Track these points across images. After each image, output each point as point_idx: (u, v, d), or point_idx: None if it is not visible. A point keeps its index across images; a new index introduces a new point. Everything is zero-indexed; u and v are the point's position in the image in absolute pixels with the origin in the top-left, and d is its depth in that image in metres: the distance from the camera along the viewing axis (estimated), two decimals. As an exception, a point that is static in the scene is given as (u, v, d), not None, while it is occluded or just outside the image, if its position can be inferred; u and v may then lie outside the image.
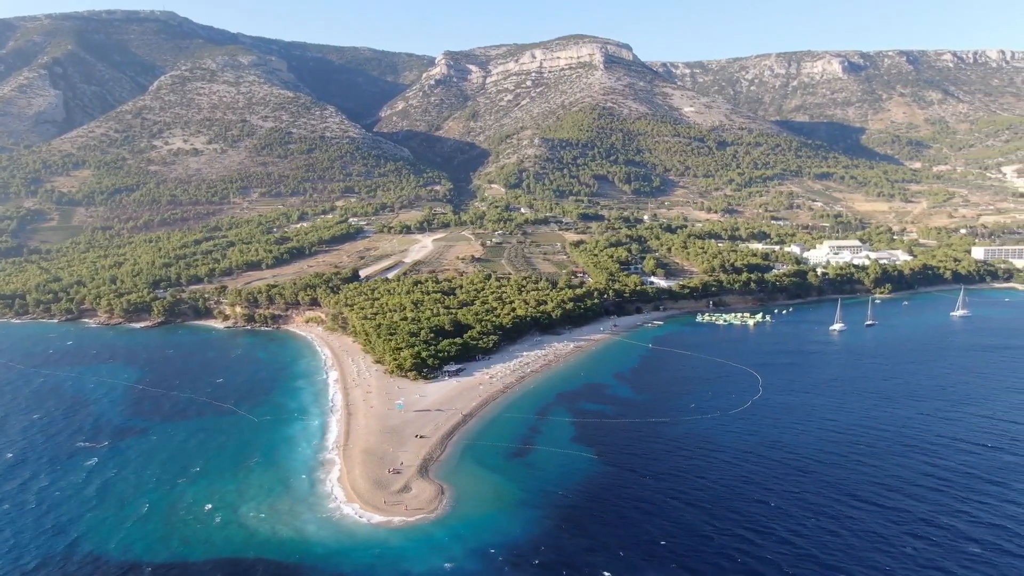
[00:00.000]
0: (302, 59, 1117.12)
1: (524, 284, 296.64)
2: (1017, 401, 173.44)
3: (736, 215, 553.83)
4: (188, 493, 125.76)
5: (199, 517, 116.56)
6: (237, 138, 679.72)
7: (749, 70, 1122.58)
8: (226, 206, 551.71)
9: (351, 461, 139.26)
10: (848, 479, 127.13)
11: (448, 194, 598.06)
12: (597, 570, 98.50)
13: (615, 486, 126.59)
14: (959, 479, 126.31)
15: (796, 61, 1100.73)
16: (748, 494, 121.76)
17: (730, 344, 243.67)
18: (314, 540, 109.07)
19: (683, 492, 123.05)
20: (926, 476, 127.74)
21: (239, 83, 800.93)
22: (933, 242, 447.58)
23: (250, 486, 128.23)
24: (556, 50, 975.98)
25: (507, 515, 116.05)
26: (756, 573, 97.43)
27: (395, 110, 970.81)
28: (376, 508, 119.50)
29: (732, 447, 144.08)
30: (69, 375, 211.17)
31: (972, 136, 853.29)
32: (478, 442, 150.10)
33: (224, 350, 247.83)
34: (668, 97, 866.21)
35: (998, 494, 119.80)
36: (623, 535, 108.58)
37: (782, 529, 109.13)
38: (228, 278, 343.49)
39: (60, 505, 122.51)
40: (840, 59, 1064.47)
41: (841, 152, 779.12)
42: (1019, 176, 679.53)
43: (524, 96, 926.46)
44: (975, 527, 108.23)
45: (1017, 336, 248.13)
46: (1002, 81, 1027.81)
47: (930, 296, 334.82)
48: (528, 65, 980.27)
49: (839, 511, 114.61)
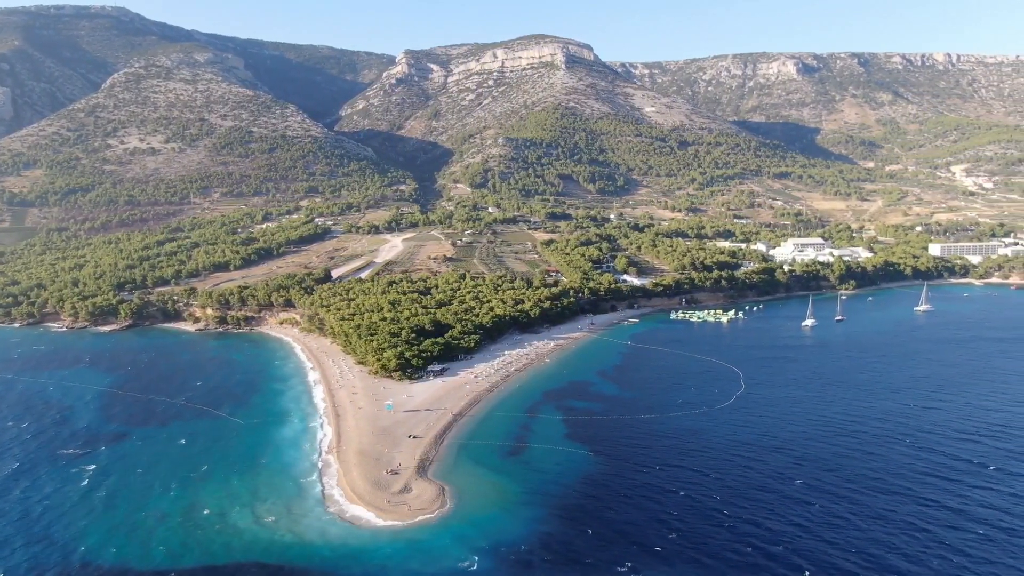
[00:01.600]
0: (259, 57, 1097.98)
1: (500, 283, 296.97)
2: (988, 390, 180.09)
3: (700, 214, 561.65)
4: (185, 498, 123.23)
5: (200, 523, 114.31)
6: (196, 137, 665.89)
7: (707, 71, 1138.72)
8: (187, 206, 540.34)
9: (347, 463, 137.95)
10: (843, 466, 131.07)
11: (414, 194, 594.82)
12: (615, 564, 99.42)
13: (615, 481, 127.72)
14: (946, 462, 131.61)
15: (752, 62, 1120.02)
16: (749, 483, 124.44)
17: (707, 341, 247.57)
18: (321, 543, 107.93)
19: (686, 484, 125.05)
20: (915, 461, 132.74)
21: (196, 81, 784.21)
22: (891, 239, 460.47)
23: (247, 490, 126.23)
24: (518, 50, 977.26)
25: (512, 513, 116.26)
26: (774, 557, 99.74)
27: (356, 109, 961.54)
28: (379, 509, 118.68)
29: (725, 440, 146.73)
30: (49, 380, 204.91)
31: (922, 136, 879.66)
32: (471, 441, 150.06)
33: (199, 353, 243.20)
34: (630, 97, 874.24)
35: (987, 477, 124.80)
36: (634, 528, 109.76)
37: (791, 515, 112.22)
38: (196, 280, 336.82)
39: (61, 515, 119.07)
40: (795, 60, 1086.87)
41: (798, 152, 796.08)
42: (967, 175, 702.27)
43: (486, 96, 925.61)
44: (972, 508, 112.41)
45: (979, 329, 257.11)
46: (948, 83, 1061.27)
47: (892, 292, 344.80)
48: (490, 65, 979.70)
49: (840, 497, 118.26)
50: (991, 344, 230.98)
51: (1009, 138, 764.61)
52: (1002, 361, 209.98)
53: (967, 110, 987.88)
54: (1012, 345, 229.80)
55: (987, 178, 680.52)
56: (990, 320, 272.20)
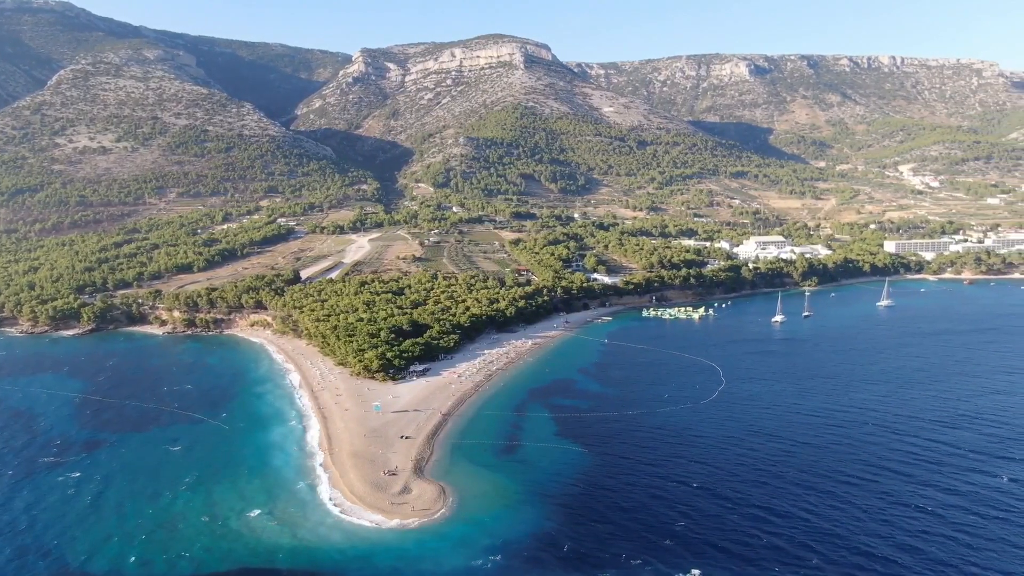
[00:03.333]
0: (210, 54, 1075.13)
1: (473, 283, 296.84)
2: (957, 381, 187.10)
3: (661, 213, 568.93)
4: (181, 505, 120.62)
5: (201, 529, 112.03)
6: (148, 136, 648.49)
7: (661, 71, 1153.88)
8: (142, 207, 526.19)
9: (343, 465, 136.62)
10: (833, 456, 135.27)
11: (376, 193, 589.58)
12: (629, 557, 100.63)
13: (614, 476, 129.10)
14: (930, 448, 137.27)
15: (706, 63, 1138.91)
16: (745, 475, 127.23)
17: (681, 337, 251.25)
18: (329, 545, 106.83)
19: (684, 477, 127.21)
20: (900, 448, 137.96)
21: (147, 78, 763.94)
22: (847, 237, 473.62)
23: (245, 495, 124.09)
24: (476, 49, 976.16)
25: (515, 511, 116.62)
26: (778, 548, 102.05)
27: (312, 108, 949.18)
28: (382, 511, 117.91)
29: (715, 434, 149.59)
30: (14, 387, 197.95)
31: (869, 137, 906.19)
32: (463, 440, 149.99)
33: (170, 357, 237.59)
34: (588, 97, 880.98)
35: (970, 460, 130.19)
36: (640, 521, 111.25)
37: (792, 503, 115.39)
38: (159, 281, 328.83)
39: (49, 525, 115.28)
40: (747, 62, 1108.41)
41: (752, 152, 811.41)
42: (914, 175, 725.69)
43: (445, 95, 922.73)
44: (957, 495, 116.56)
45: (939, 323, 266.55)
46: (893, 85, 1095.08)
47: (853, 288, 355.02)
48: (448, 64, 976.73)
49: (836, 484, 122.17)
50: (954, 337, 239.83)
51: (952, 139, 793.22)
52: (966, 353, 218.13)
53: (911, 111, 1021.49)
54: (972, 337, 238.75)
55: (933, 177, 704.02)
56: (949, 314, 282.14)
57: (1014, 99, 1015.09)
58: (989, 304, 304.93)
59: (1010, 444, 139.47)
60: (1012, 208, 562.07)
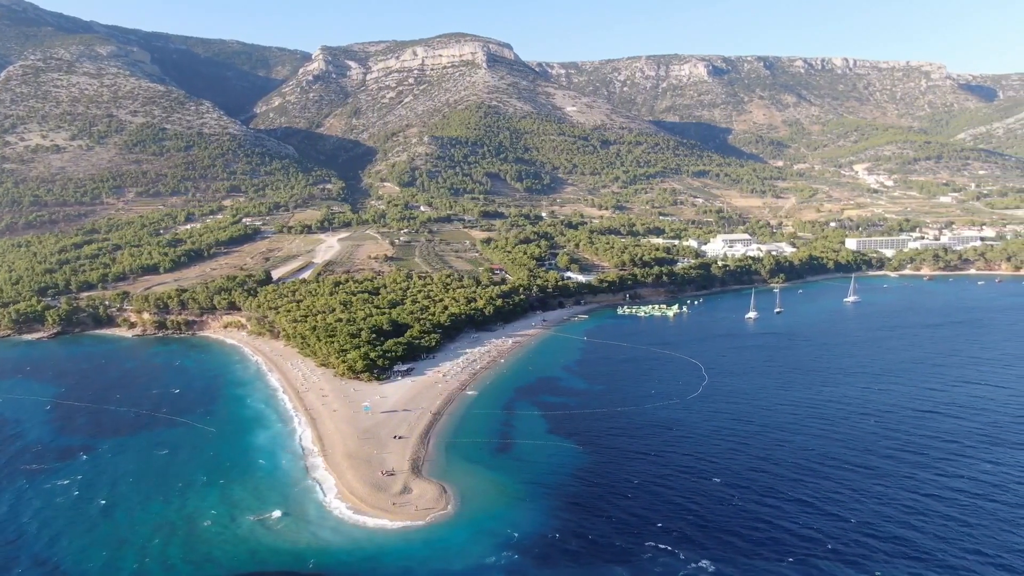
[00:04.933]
0: (165, 51, 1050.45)
1: (448, 282, 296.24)
2: (929, 372, 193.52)
3: (626, 211, 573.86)
4: (179, 510, 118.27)
5: (202, 535, 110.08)
6: (104, 134, 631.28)
7: (621, 71, 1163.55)
8: (99, 207, 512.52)
9: (339, 467, 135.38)
10: (821, 445, 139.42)
11: (341, 193, 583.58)
12: (637, 550, 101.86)
13: (611, 471, 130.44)
14: (913, 440, 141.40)
15: (665, 64, 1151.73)
16: (740, 466, 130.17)
17: (658, 334, 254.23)
18: (337, 547, 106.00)
19: (682, 470, 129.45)
20: (884, 437, 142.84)
21: (101, 75, 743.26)
22: (809, 235, 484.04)
23: (243, 498, 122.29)
24: (438, 48, 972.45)
25: (519, 508, 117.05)
26: (786, 534, 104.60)
27: (272, 106, 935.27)
28: (385, 511, 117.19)
29: (705, 427, 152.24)
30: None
31: (825, 137, 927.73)
32: (457, 439, 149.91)
33: (144, 360, 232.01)
34: (551, 96, 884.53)
35: (951, 449, 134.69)
36: (645, 514, 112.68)
37: (789, 493, 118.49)
38: (124, 283, 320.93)
39: (39, 533, 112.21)
40: (705, 63, 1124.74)
41: (712, 151, 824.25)
42: (869, 174, 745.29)
43: (407, 93, 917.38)
44: (944, 478, 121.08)
45: (906, 316, 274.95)
46: (846, 87, 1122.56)
47: (819, 284, 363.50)
48: (410, 62, 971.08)
49: (829, 472, 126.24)
50: (921, 330, 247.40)
51: (904, 139, 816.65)
52: (934, 345, 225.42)
53: (864, 112, 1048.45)
54: (938, 331, 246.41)
55: (887, 176, 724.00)
56: (913, 309, 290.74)
57: (961, 101, 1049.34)
58: (950, 299, 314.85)
59: (989, 430, 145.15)
60: (963, 206, 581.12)
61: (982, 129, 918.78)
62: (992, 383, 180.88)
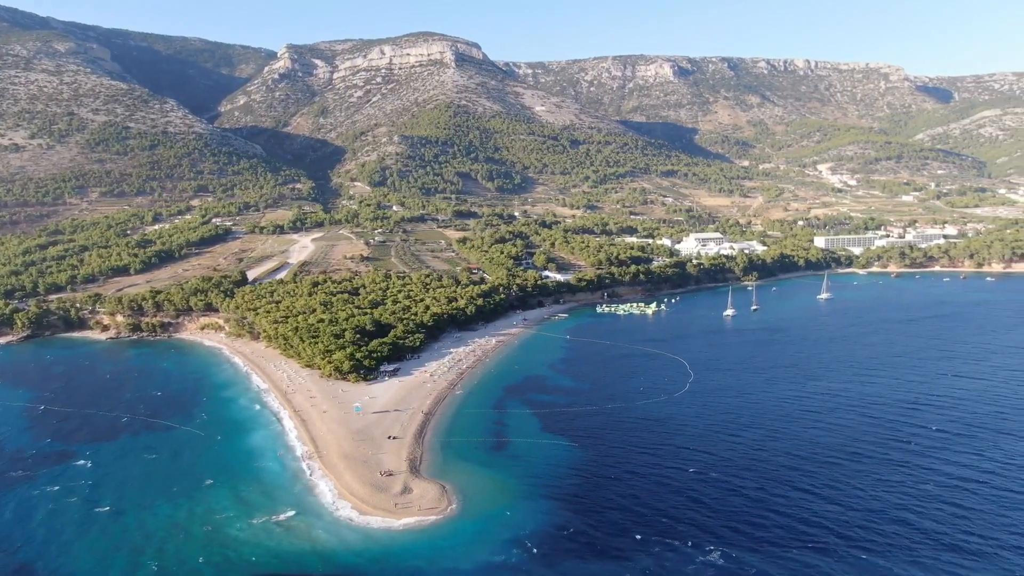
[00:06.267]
0: (125, 48, 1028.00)
1: (428, 282, 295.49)
2: (908, 366, 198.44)
3: (598, 211, 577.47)
4: (177, 515, 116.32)
5: (204, 540, 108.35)
6: (65, 133, 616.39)
7: (588, 71, 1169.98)
8: (62, 207, 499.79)
9: (336, 468, 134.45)
10: (813, 437, 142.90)
11: (311, 193, 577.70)
12: (644, 543, 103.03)
13: (611, 466, 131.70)
14: (897, 427, 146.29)
15: (631, 64, 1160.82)
16: (737, 459, 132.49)
17: (639, 332, 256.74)
18: (344, 549, 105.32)
19: (681, 463, 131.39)
20: (870, 432, 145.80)
21: (61, 72, 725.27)
22: (778, 233, 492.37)
23: (242, 501, 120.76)
24: (406, 47, 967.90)
25: (523, 506, 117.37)
26: (789, 525, 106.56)
27: (236, 105, 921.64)
28: (387, 512, 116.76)
29: (697, 423, 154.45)
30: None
31: (788, 137, 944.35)
32: (451, 439, 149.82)
33: (121, 363, 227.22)
34: (520, 96, 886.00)
35: (936, 441, 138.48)
36: (648, 507, 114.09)
37: (788, 485, 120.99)
38: (94, 285, 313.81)
39: (37, 542, 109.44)
40: (671, 63, 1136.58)
41: (680, 151, 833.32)
42: (833, 173, 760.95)
43: (375, 92, 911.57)
44: (933, 470, 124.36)
45: (878, 312, 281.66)
46: (808, 88, 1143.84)
47: (790, 282, 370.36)
48: (377, 61, 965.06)
49: (823, 466, 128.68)
50: (896, 325, 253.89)
51: (866, 139, 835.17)
52: (908, 340, 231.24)
53: (826, 113, 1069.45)
54: (911, 326, 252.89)
55: (850, 176, 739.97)
56: (885, 305, 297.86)
57: (918, 102, 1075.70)
58: (920, 295, 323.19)
59: (970, 419, 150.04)
60: (925, 205, 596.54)
61: (939, 130, 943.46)
62: (969, 375, 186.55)
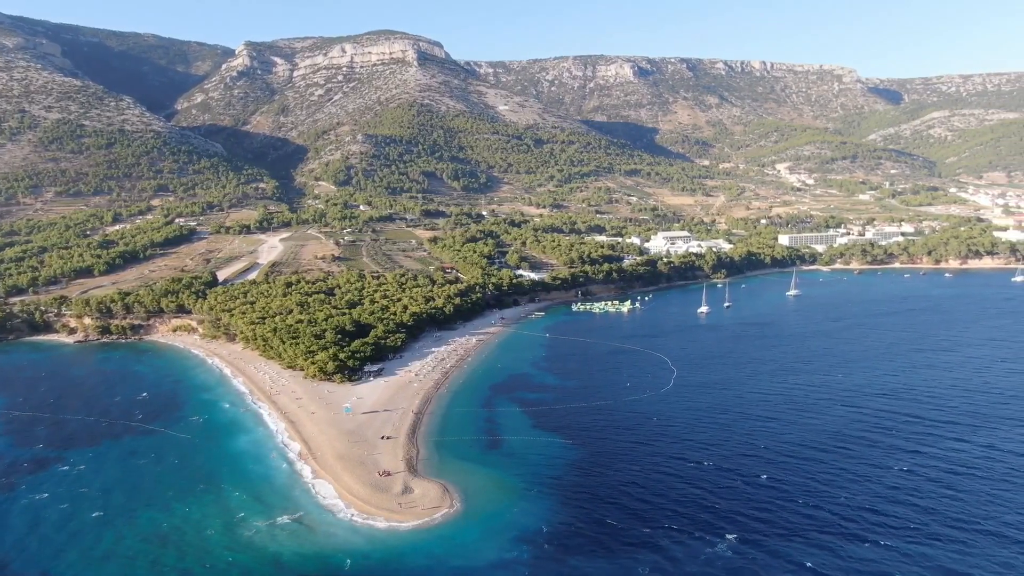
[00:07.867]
0: (75, 44, 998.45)
1: (404, 282, 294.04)
2: (883, 359, 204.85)
3: (564, 210, 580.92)
4: (175, 520, 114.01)
5: (205, 544, 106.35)
6: (16, 130, 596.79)
7: (549, 71, 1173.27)
8: (15, 207, 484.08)
9: (332, 469, 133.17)
10: (802, 428, 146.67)
11: (276, 192, 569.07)
12: (654, 534, 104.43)
13: (609, 461, 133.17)
14: (882, 421, 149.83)
15: (592, 64, 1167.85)
16: (733, 450, 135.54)
17: (616, 329, 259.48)
18: (352, 550, 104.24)
19: (679, 456, 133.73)
20: (855, 422, 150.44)
21: (10, 68, 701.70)
22: (743, 231, 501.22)
23: (241, 505, 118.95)
24: (367, 45, 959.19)
25: (526, 502, 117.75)
26: (797, 513, 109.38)
27: (194, 103, 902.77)
28: (391, 512, 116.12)
29: (687, 417, 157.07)
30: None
31: (747, 137, 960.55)
32: (444, 438, 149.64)
33: (92, 367, 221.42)
34: (483, 95, 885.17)
35: (918, 429, 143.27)
36: (652, 499, 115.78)
37: (788, 475, 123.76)
38: (57, 287, 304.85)
39: (31, 550, 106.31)
40: (631, 64, 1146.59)
41: (642, 150, 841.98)
42: (791, 173, 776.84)
43: (336, 91, 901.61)
44: (922, 456, 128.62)
45: (847, 307, 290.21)
46: (765, 89, 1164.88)
47: (758, 279, 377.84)
48: (338, 59, 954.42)
49: (817, 455, 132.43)
50: (866, 319, 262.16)
51: (822, 139, 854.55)
52: (879, 334, 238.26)
53: (782, 113, 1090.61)
54: (881, 319, 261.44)
55: (808, 175, 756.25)
56: (853, 301, 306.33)
57: (871, 103, 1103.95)
58: (884, 291, 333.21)
59: (947, 410, 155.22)
60: (881, 204, 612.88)
61: (891, 130, 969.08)
62: (940, 367, 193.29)
